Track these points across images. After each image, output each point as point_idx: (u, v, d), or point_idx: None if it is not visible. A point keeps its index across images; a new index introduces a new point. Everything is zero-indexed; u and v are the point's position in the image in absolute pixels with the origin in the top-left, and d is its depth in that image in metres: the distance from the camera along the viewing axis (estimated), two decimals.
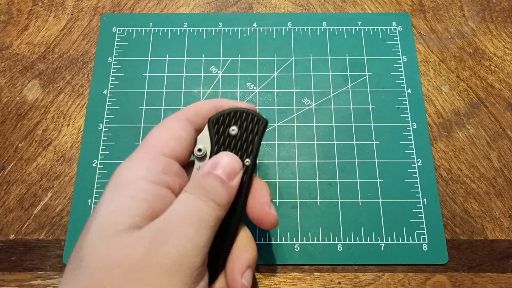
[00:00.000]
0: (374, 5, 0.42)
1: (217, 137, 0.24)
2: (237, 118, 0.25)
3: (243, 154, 0.24)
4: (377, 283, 0.31)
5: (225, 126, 0.25)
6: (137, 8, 0.41)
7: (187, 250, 0.19)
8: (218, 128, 0.24)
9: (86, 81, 0.38)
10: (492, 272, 0.32)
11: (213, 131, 0.24)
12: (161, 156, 0.23)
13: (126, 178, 0.21)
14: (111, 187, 0.21)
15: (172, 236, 0.19)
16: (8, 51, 0.39)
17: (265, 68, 0.39)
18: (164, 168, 0.22)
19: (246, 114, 0.25)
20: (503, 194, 0.34)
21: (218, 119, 0.25)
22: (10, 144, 0.36)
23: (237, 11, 0.41)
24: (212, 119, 0.25)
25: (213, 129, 0.24)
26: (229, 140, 0.24)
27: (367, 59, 0.39)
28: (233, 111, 0.25)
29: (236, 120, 0.25)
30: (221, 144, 0.24)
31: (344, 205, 0.33)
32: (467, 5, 0.42)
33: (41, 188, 0.34)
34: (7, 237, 0.32)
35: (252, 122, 0.25)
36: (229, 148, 0.24)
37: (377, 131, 0.36)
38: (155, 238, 0.19)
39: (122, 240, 0.19)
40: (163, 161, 0.22)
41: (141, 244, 0.19)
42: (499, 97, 0.38)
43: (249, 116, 0.25)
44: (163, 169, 0.22)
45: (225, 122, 0.25)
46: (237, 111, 0.25)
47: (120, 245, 0.19)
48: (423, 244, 0.32)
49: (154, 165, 0.22)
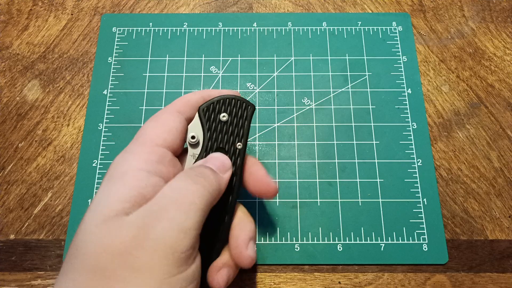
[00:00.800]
0: (374, 5, 0.42)
1: (208, 124, 0.26)
2: (227, 105, 0.26)
3: (234, 138, 0.26)
4: (377, 283, 0.31)
5: (215, 113, 0.26)
6: (137, 8, 0.41)
7: (174, 233, 0.19)
8: (209, 116, 0.26)
9: (86, 81, 0.38)
10: (492, 272, 0.32)
11: (205, 119, 0.26)
12: (156, 147, 0.24)
13: (122, 169, 0.22)
14: (107, 177, 0.22)
15: (160, 219, 0.20)
16: (8, 51, 0.39)
17: (265, 68, 0.39)
18: (159, 158, 0.23)
19: (235, 101, 0.26)
20: (503, 194, 0.34)
21: (208, 107, 0.26)
22: (10, 144, 0.36)
23: (237, 11, 0.41)
24: (203, 107, 0.26)
25: (204, 117, 0.26)
26: (221, 126, 0.26)
27: (367, 59, 0.39)
28: (223, 98, 0.26)
29: (226, 107, 0.26)
30: (213, 130, 0.26)
31: (344, 205, 0.33)
32: (467, 5, 0.42)
33: (41, 188, 0.34)
34: (7, 237, 0.32)
35: (241, 108, 0.26)
36: (221, 133, 0.26)
37: (377, 131, 0.36)
38: (143, 222, 0.20)
39: (112, 226, 0.19)
40: (157, 151, 0.24)
41: (130, 229, 0.19)
42: (499, 97, 0.38)
43: (238, 102, 0.26)
44: (158, 159, 0.23)
45: (216, 109, 0.26)
46: (226, 98, 0.26)
47: (109, 231, 0.19)
48: (423, 244, 0.32)
49: (149, 156, 0.23)
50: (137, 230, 0.19)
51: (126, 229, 0.19)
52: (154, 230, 0.19)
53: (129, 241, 0.19)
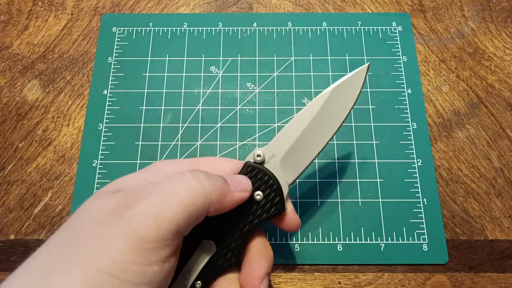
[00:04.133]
0: (374, 5, 0.42)
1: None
2: (266, 186, 0.25)
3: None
4: (377, 283, 0.31)
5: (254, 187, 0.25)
6: (137, 8, 0.41)
7: (144, 219, 0.19)
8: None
9: (86, 81, 0.38)
10: (492, 272, 0.32)
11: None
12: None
13: (156, 165, 0.24)
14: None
15: (139, 201, 0.19)
16: (8, 51, 0.39)
17: (265, 68, 0.39)
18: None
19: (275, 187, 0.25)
20: (503, 194, 0.34)
21: (254, 168, 0.25)
22: (10, 144, 0.36)
23: (237, 11, 0.41)
24: (250, 164, 0.25)
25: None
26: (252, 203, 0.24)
27: (367, 59, 0.39)
28: (264, 173, 0.25)
29: (264, 186, 0.25)
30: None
31: (344, 205, 0.33)
32: (467, 5, 0.42)
33: (41, 188, 0.34)
34: (7, 237, 0.32)
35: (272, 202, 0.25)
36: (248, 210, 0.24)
37: (377, 131, 0.36)
38: (124, 200, 0.20)
39: (100, 198, 0.20)
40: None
41: (111, 203, 0.20)
42: (499, 97, 0.38)
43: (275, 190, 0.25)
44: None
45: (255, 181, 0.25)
46: (268, 177, 0.25)
47: (96, 202, 0.20)
48: (423, 244, 0.32)
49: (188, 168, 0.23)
50: (116, 206, 0.19)
51: (108, 202, 0.20)
52: (128, 210, 0.19)
53: (104, 214, 0.19)
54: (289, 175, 0.25)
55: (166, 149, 0.35)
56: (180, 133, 0.36)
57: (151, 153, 0.35)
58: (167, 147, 0.35)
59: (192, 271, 0.23)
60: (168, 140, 0.36)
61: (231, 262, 0.24)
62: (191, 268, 0.23)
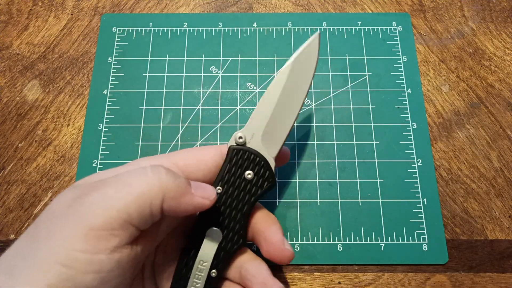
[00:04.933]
0: (374, 5, 0.42)
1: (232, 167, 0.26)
2: (255, 164, 0.26)
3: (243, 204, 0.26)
4: (377, 283, 0.31)
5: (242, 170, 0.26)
6: (137, 8, 0.41)
7: (93, 207, 0.19)
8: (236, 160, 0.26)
9: (86, 81, 0.38)
10: (492, 272, 0.32)
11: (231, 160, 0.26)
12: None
13: (137, 161, 0.24)
14: None
15: (94, 191, 0.20)
16: (8, 51, 0.39)
17: (265, 68, 0.39)
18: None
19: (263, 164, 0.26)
20: (503, 194, 0.34)
21: (238, 151, 0.26)
22: (10, 144, 0.36)
23: (237, 11, 0.41)
24: (234, 148, 0.26)
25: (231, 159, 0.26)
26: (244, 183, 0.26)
27: (367, 59, 0.39)
28: (253, 153, 0.26)
29: (252, 165, 0.26)
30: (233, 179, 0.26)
31: (344, 205, 0.33)
32: (467, 5, 0.42)
33: (41, 188, 0.34)
34: (7, 237, 0.32)
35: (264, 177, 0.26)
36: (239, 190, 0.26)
37: (377, 131, 0.36)
38: (81, 192, 0.20)
39: (65, 193, 0.21)
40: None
41: (72, 195, 0.20)
42: (499, 97, 0.38)
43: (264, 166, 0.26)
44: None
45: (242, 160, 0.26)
46: (257, 156, 0.26)
47: (59, 197, 0.21)
48: (423, 244, 0.32)
49: (172, 167, 0.24)
50: (73, 198, 0.20)
51: (69, 195, 0.20)
52: (81, 200, 0.19)
53: (63, 207, 0.20)
54: (272, 149, 0.27)
55: (166, 149, 0.35)
56: (180, 133, 0.36)
57: (151, 153, 0.35)
58: (167, 147, 0.35)
59: (204, 262, 0.24)
60: (168, 140, 0.36)
61: (239, 244, 0.25)
62: (203, 259, 0.24)
